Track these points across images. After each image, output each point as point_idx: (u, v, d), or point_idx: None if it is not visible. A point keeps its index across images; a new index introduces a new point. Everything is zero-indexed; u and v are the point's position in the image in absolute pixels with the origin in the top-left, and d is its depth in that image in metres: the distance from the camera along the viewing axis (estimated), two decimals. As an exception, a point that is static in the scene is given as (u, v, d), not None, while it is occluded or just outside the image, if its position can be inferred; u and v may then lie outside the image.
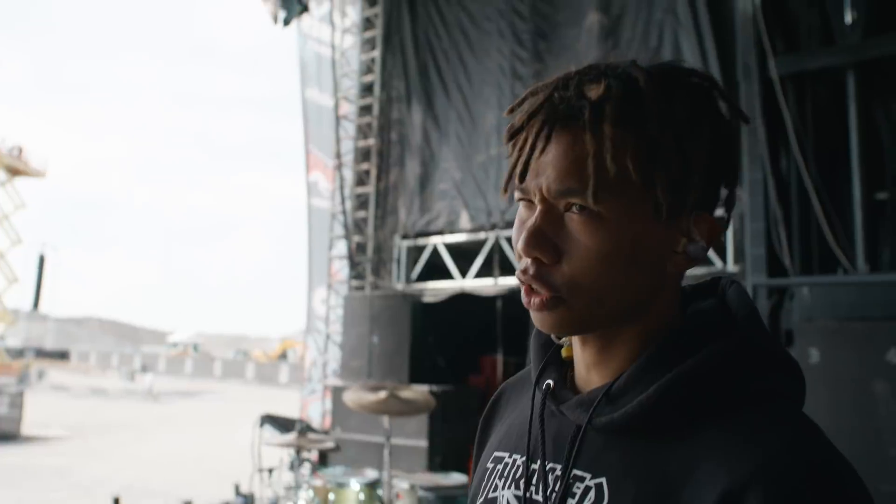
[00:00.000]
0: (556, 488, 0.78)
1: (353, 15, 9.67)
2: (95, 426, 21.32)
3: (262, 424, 5.07)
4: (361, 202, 9.15)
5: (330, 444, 4.37)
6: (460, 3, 8.44)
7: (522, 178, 0.76)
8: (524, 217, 0.78)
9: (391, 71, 9.05)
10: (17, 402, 19.11)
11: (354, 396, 4.47)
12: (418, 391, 4.74)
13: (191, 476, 11.70)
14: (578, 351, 0.83)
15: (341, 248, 9.24)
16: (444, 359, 8.44)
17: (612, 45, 7.15)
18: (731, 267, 6.26)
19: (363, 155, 9.23)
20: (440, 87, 8.46)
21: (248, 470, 4.89)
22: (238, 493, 6.85)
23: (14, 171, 37.72)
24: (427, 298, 8.06)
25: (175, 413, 24.42)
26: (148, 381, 31.31)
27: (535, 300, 0.76)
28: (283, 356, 52.49)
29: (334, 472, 4.55)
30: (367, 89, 9.34)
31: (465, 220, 8.00)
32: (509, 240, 7.59)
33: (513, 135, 0.78)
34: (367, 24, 9.44)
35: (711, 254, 6.47)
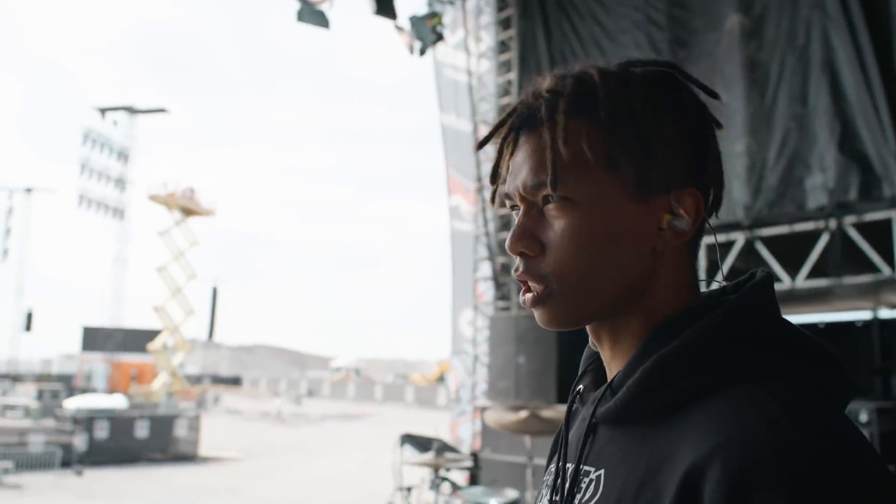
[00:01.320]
0: (568, 485, 0.80)
1: (488, 39, 9.78)
2: (266, 448, 22.40)
3: (402, 444, 5.16)
4: (504, 223, 9.19)
5: (468, 464, 4.38)
6: (595, 18, 8.35)
7: (493, 179, 0.82)
8: None
9: (528, 92, 9.07)
10: (195, 426, 20.41)
11: (496, 416, 4.47)
12: (560, 410, 4.68)
13: (352, 496, 12.06)
14: (601, 351, 0.84)
15: (486, 269, 9.30)
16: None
17: (755, 47, 6.84)
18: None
19: (504, 176, 9.27)
20: (578, 103, 8.38)
21: (392, 489, 5.00)
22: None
23: (187, 212, 40.58)
24: (573, 317, 7.95)
25: (338, 435, 25.27)
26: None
27: (528, 297, 0.79)
28: (441, 379, 53.26)
29: (474, 491, 4.56)
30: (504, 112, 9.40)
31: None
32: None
33: (481, 145, 0.85)
34: (503, 47, 9.52)
35: (878, 259, 6.02)
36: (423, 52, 8.82)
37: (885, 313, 8.48)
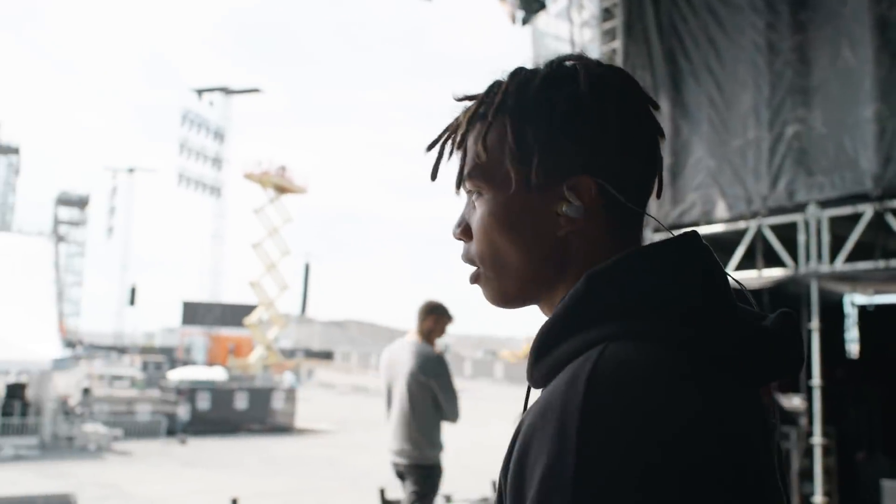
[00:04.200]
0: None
1: (592, 7, 9.47)
2: (359, 421, 22.74)
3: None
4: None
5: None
6: (706, -20, 7.95)
7: (434, 177, 0.89)
8: None
9: (634, 61, 8.74)
10: (290, 398, 20.90)
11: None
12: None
13: (449, 472, 12.06)
14: None
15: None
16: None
17: (886, 6, 6.37)
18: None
19: (607, 149, 9.01)
20: (689, 72, 8.03)
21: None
22: (495, 489, 6.92)
23: (280, 189, 41.45)
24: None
25: (430, 411, 25.41)
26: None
27: (470, 276, 0.87)
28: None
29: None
30: (609, 81, 9.10)
31: (721, 210, 7.51)
32: (774, 228, 7.08)
33: (430, 147, 0.91)
34: (607, 14, 9.20)
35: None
36: (525, 21, 8.62)
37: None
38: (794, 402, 7.46)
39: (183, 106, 43.15)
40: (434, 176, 0.89)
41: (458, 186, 0.86)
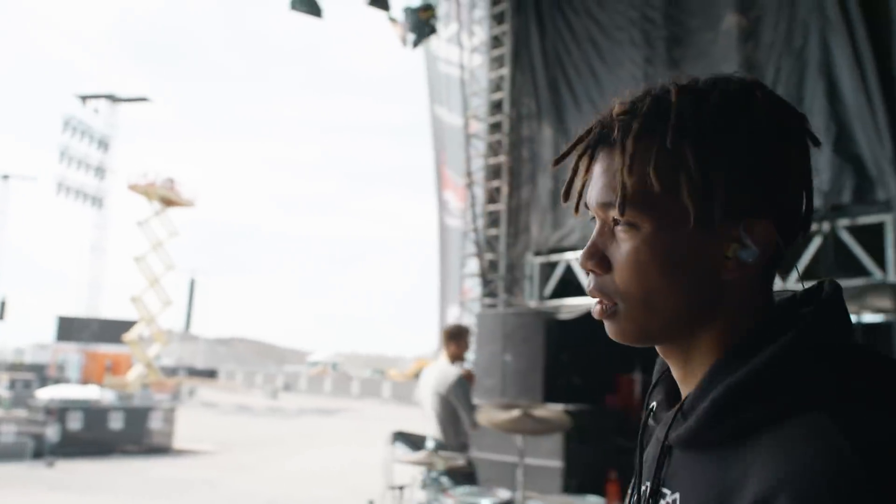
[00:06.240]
0: None
1: (481, 34, 9.70)
2: (242, 442, 22.21)
3: (394, 441, 5.07)
4: (493, 219, 9.11)
5: (461, 463, 4.30)
6: (590, 14, 8.28)
7: (566, 197, 0.85)
8: None
9: (520, 88, 8.99)
10: (169, 418, 20.19)
11: (487, 415, 4.38)
12: (552, 410, 4.60)
13: (330, 492, 11.95)
14: (672, 369, 0.85)
15: (473, 266, 9.22)
16: (579, 378, 8.22)
17: (751, 48, 6.81)
18: (893, 277, 5.79)
19: (494, 172, 9.20)
20: (571, 101, 8.32)
21: (381, 488, 4.91)
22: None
23: (167, 202, 40.24)
24: (561, 316, 7.89)
25: (315, 430, 25.13)
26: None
27: (597, 308, 0.81)
28: (418, 375, 53.17)
29: (466, 490, 4.47)
30: (496, 107, 9.32)
31: (598, 235, 7.79)
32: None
33: (557, 162, 0.86)
34: (496, 42, 9.43)
35: (869, 263, 6.01)
36: (416, 44, 8.73)
37: (868, 317, 8.50)
38: (662, 421, 7.77)
39: (65, 112, 41.32)
40: (567, 195, 0.85)
41: (621, 212, 0.76)
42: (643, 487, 0.83)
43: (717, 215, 0.74)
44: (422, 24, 8.63)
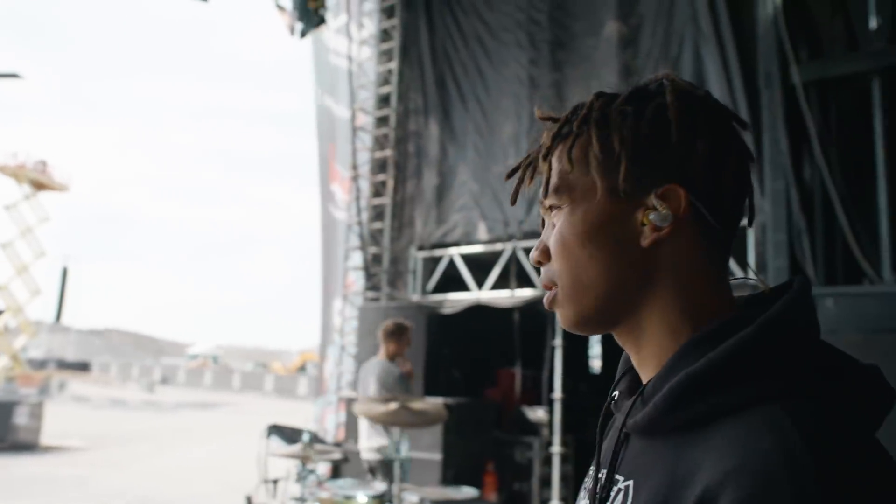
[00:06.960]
0: (599, 493, 0.82)
1: (371, 27, 9.65)
2: (115, 437, 21.37)
3: (268, 435, 5.00)
4: (378, 213, 9.10)
5: (337, 456, 4.28)
6: (478, 14, 8.39)
7: (513, 199, 0.91)
8: None
9: (408, 83, 9.01)
10: (36, 413, 19.20)
11: (365, 408, 4.38)
12: (431, 403, 4.65)
13: (206, 488, 11.65)
14: (631, 357, 0.86)
15: (357, 259, 9.18)
16: (460, 371, 8.33)
17: (631, 55, 7.06)
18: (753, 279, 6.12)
19: (380, 166, 9.19)
20: (458, 98, 8.40)
21: (256, 482, 4.83)
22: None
23: (38, 186, 38.11)
24: (443, 310, 7.97)
25: (193, 425, 24.44)
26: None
27: (546, 299, 0.85)
28: (302, 369, 52.51)
29: (342, 484, 4.46)
30: (383, 101, 9.30)
31: (482, 232, 7.91)
32: (526, 251, 7.54)
33: (510, 175, 0.91)
34: (385, 35, 9.42)
35: (732, 265, 6.34)
36: (304, 34, 8.60)
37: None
38: (538, 413, 7.97)
39: (-77, 86, 38.49)
40: (514, 200, 0.91)
41: (547, 207, 0.84)
42: (599, 475, 0.83)
43: (626, 185, 0.78)
44: (310, 14, 8.52)
